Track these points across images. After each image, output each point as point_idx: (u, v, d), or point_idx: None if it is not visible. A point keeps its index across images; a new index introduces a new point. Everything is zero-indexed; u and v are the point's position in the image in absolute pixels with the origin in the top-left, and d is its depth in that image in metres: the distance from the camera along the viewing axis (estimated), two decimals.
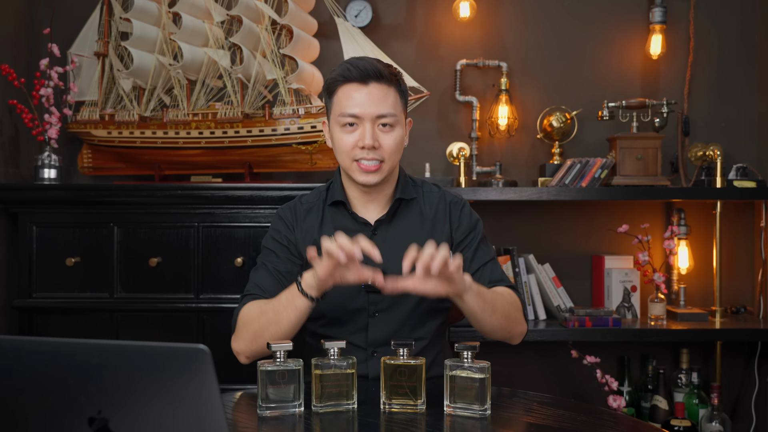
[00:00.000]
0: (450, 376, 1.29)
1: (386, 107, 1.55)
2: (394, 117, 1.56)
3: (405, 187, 1.67)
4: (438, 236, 1.64)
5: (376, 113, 1.55)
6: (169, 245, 2.36)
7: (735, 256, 2.78)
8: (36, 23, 2.72)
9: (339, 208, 1.66)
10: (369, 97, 1.54)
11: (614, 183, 2.57)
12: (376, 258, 1.37)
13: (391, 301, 1.61)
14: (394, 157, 1.59)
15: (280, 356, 1.29)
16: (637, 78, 2.81)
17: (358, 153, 1.56)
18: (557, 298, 2.62)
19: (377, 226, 1.64)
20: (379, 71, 1.55)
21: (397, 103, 1.58)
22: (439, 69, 2.80)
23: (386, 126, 1.56)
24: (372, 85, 1.55)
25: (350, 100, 1.55)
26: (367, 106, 1.54)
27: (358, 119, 1.55)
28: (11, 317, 2.50)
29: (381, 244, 1.61)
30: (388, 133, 1.56)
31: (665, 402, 2.57)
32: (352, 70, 1.55)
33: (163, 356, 0.83)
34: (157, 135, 2.55)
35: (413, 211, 1.67)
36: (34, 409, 0.86)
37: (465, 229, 1.67)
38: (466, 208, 1.70)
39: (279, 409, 1.29)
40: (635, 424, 1.37)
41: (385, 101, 1.55)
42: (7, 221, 2.51)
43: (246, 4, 2.51)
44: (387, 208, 1.65)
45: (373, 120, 1.55)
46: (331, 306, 1.62)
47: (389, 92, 1.56)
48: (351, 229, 1.63)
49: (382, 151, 1.56)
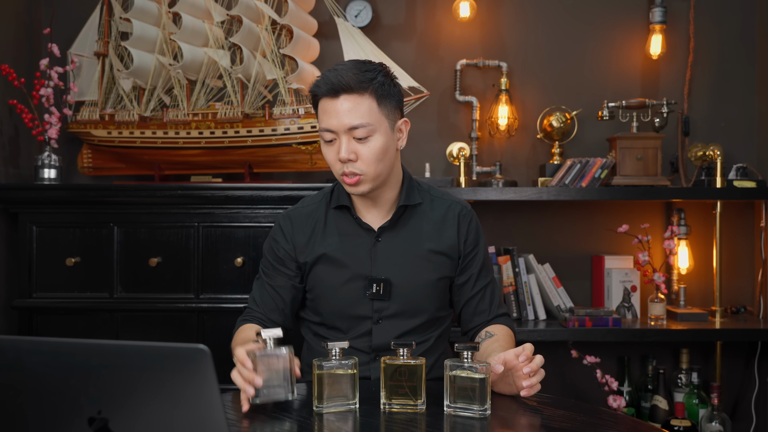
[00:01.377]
0: (450, 376, 1.29)
1: (357, 118, 1.50)
2: (367, 127, 1.51)
3: (410, 192, 1.65)
4: (443, 245, 1.64)
5: (348, 125, 1.51)
6: (169, 245, 2.36)
7: (735, 256, 2.78)
8: (36, 23, 2.72)
9: (343, 212, 1.65)
10: (340, 110, 1.51)
11: (614, 183, 2.57)
12: (258, 384, 1.30)
13: (395, 310, 1.61)
14: (376, 166, 1.54)
15: (270, 343, 1.31)
16: (637, 78, 2.82)
17: (339, 167, 1.55)
18: (557, 298, 2.62)
19: (381, 232, 1.63)
20: (347, 83, 1.50)
21: (373, 110, 1.52)
22: (439, 69, 2.80)
23: (362, 137, 1.52)
24: (342, 98, 1.51)
25: (325, 115, 1.54)
26: (339, 119, 1.51)
27: (334, 133, 1.54)
28: (11, 317, 2.50)
29: (385, 250, 1.62)
30: (364, 143, 1.53)
31: (665, 402, 2.57)
32: (321, 85, 1.53)
33: (163, 356, 0.83)
34: (157, 135, 2.55)
35: (418, 217, 1.66)
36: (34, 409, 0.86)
37: (471, 243, 1.67)
38: (474, 221, 1.70)
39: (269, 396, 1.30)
40: (635, 424, 1.37)
41: (356, 112, 1.50)
42: (7, 221, 2.51)
43: (246, 4, 2.51)
44: (391, 214, 1.64)
45: (346, 132, 1.52)
46: (335, 313, 1.62)
47: (361, 101, 1.51)
48: (354, 234, 1.63)
49: (359, 163, 1.53)
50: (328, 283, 1.62)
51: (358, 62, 1.56)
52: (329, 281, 1.61)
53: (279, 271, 1.66)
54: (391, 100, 1.56)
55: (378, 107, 1.53)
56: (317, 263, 1.63)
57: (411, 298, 1.61)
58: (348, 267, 1.61)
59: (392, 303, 1.60)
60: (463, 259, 1.66)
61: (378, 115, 1.53)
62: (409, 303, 1.61)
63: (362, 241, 1.62)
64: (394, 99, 1.57)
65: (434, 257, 1.63)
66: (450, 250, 1.64)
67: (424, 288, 1.62)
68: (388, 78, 1.56)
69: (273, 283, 1.65)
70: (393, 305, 1.60)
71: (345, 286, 1.61)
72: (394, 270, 1.60)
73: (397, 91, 1.58)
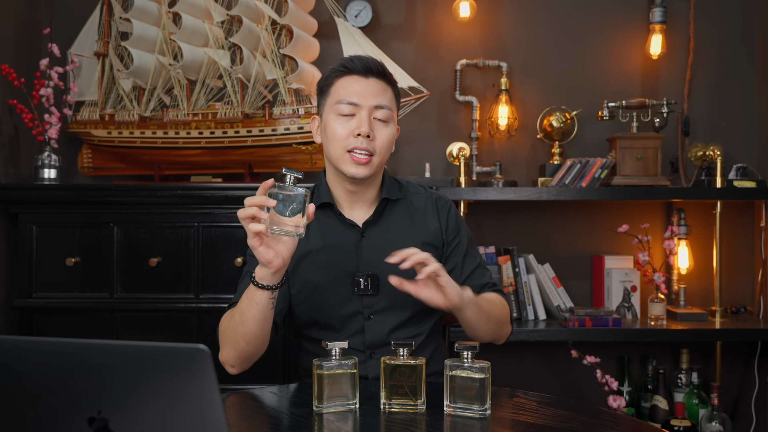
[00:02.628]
0: (450, 376, 1.29)
1: (385, 100, 1.58)
2: (390, 111, 1.59)
3: (391, 188, 1.68)
4: (428, 235, 1.65)
5: (375, 104, 1.57)
6: (169, 245, 2.36)
7: (735, 256, 2.78)
8: (36, 23, 2.72)
9: (326, 211, 1.65)
10: (368, 89, 1.57)
11: (614, 183, 2.57)
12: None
13: (385, 304, 1.61)
14: (384, 154, 1.59)
15: (289, 178, 1.35)
16: (637, 78, 2.82)
17: (352, 142, 1.55)
18: (557, 298, 2.62)
19: (365, 227, 1.63)
20: (381, 68, 1.60)
21: (393, 102, 1.61)
22: (439, 69, 2.80)
23: (382, 120, 1.57)
24: (372, 79, 1.58)
25: (350, 89, 1.57)
26: (366, 96, 1.56)
27: (356, 107, 1.56)
28: (11, 317, 2.50)
29: (371, 245, 1.62)
30: (383, 127, 1.57)
31: (665, 402, 2.57)
32: (356, 61, 1.59)
33: (163, 356, 0.83)
34: (157, 135, 2.55)
35: (400, 211, 1.67)
36: (34, 409, 0.86)
37: (453, 230, 1.69)
38: (453, 209, 1.72)
39: (279, 226, 1.32)
40: (635, 424, 1.37)
41: (384, 95, 1.59)
42: (7, 221, 2.51)
43: (246, 4, 2.51)
44: (373, 209, 1.65)
45: (370, 110, 1.56)
46: (325, 312, 1.62)
47: (387, 89, 1.60)
48: (338, 231, 1.63)
49: (375, 143, 1.56)
50: (315, 283, 1.61)
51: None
52: (316, 281, 1.61)
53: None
54: (398, 102, 1.66)
55: (395, 102, 1.63)
56: (302, 264, 1.62)
57: (400, 292, 1.59)
58: (334, 265, 1.61)
59: (381, 297, 1.60)
60: (447, 247, 1.68)
61: (395, 108, 1.63)
62: (399, 296, 1.59)
63: (347, 237, 1.62)
64: (399, 102, 1.67)
65: (420, 248, 1.62)
66: (434, 239, 1.66)
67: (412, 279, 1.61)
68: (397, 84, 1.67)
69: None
70: (382, 300, 1.60)
71: (333, 284, 1.60)
72: (381, 264, 1.59)
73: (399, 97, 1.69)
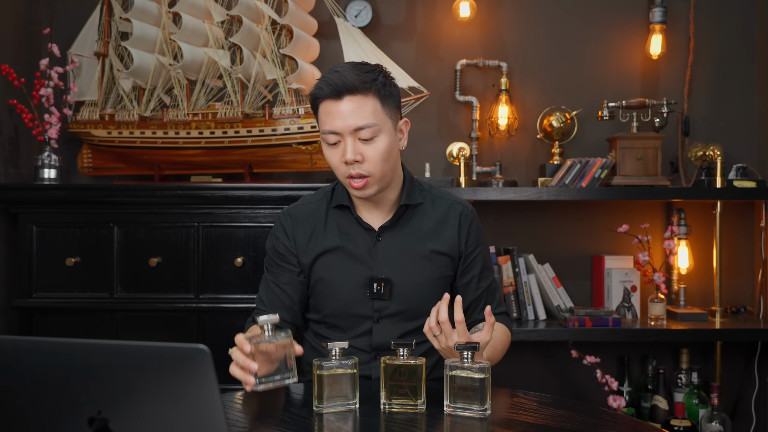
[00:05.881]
0: (450, 376, 1.29)
1: (362, 118, 1.49)
2: (373, 127, 1.50)
3: (411, 192, 1.65)
4: (443, 245, 1.64)
5: (354, 126, 1.49)
6: (169, 245, 2.36)
7: (735, 256, 2.78)
8: (36, 23, 2.72)
9: (344, 211, 1.65)
10: (345, 111, 1.49)
11: (614, 183, 2.57)
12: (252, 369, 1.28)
13: (395, 309, 1.61)
14: (382, 167, 1.53)
15: (267, 329, 1.28)
16: (637, 78, 2.81)
17: (345, 169, 1.53)
18: (557, 298, 2.62)
19: (381, 232, 1.63)
20: (351, 84, 1.48)
21: (378, 111, 1.51)
22: (439, 69, 2.80)
23: (366, 139, 1.51)
24: (346, 99, 1.49)
25: (328, 117, 1.52)
26: (344, 120, 1.49)
27: (339, 135, 1.52)
28: (11, 317, 2.50)
29: (386, 250, 1.62)
30: (370, 144, 1.51)
31: (665, 402, 2.57)
32: (324, 87, 1.51)
33: (162, 356, 0.83)
34: (157, 135, 2.55)
35: (419, 217, 1.65)
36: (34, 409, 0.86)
37: (473, 243, 1.67)
38: (476, 222, 1.69)
39: (269, 383, 1.28)
40: (635, 424, 1.37)
41: (361, 112, 1.49)
42: (7, 221, 2.51)
43: (246, 4, 2.51)
44: (392, 214, 1.64)
45: (352, 134, 1.50)
46: (335, 312, 1.62)
47: (365, 102, 1.50)
48: (355, 233, 1.63)
49: (366, 164, 1.51)
50: (328, 282, 1.62)
51: (357, 64, 1.56)
52: (329, 280, 1.61)
53: (283, 268, 1.65)
54: (393, 100, 1.56)
55: (382, 107, 1.52)
56: (317, 262, 1.63)
57: (412, 298, 1.61)
58: (348, 266, 1.61)
59: (393, 302, 1.60)
60: (465, 260, 1.66)
61: (382, 115, 1.52)
62: (410, 302, 1.61)
63: (363, 240, 1.62)
64: (395, 99, 1.57)
65: (435, 257, 1.63)
66: (450, 250, 1.64)
67: (424, 288, 1.62)
68: (388, 78, 1.56)
69: (278, 281, 1.64)
70: (393, 305, 1.60)
71: (345, 285, 1.60)
72: (395, 269, 1.59)
73: (396, 92, 1.58)
